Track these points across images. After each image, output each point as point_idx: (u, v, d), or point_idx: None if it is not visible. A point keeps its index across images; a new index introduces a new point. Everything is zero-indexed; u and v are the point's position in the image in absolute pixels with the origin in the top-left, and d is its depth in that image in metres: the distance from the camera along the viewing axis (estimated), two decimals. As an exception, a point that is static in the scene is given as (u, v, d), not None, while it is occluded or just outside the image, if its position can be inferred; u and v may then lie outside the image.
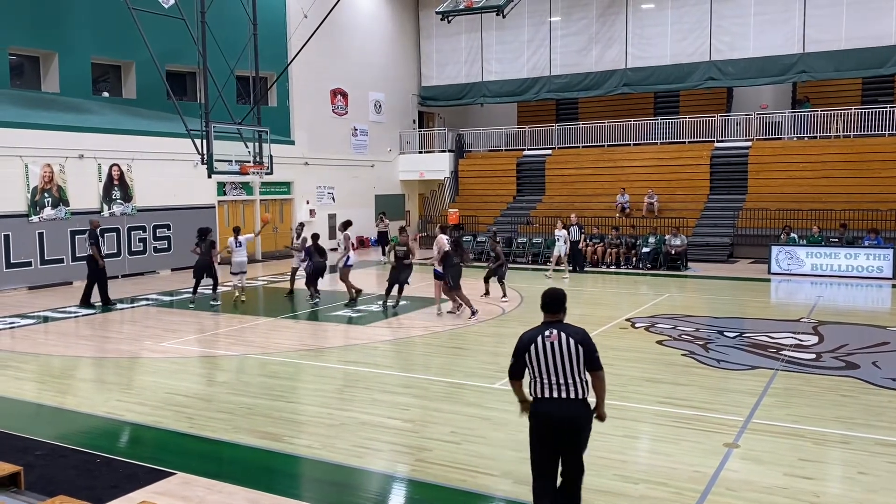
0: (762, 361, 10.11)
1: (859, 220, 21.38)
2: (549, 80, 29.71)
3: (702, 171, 26.25)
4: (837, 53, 24.68)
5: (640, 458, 6.78)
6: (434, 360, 10.84)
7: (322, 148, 27.67)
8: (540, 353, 4.93)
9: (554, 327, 5.01)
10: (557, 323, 5.08)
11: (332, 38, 26.89)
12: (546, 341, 4.93)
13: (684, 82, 27.55)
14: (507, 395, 8.58)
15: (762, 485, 5.97)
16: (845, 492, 5.90)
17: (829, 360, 10.15)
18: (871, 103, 25.97)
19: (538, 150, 30.28)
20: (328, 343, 11.80)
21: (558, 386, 4.90)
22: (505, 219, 27.80)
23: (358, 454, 6.84)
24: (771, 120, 27.11)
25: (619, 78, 28.38)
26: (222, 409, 8.28)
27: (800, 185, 24.12)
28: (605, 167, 27.98)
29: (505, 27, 29.65)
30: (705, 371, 9.69)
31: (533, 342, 4.97)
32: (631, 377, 9.37)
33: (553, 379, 4.91)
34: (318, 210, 27.52)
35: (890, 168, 23.12)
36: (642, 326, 12.67)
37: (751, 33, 26.05)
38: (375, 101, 30.63)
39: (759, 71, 26.01)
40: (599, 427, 7.38)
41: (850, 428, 7.34)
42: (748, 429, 7.33)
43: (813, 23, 25.00)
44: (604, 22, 28.57)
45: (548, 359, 4.91)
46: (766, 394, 8.54)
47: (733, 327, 12.54)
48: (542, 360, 4.92)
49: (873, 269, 18.80)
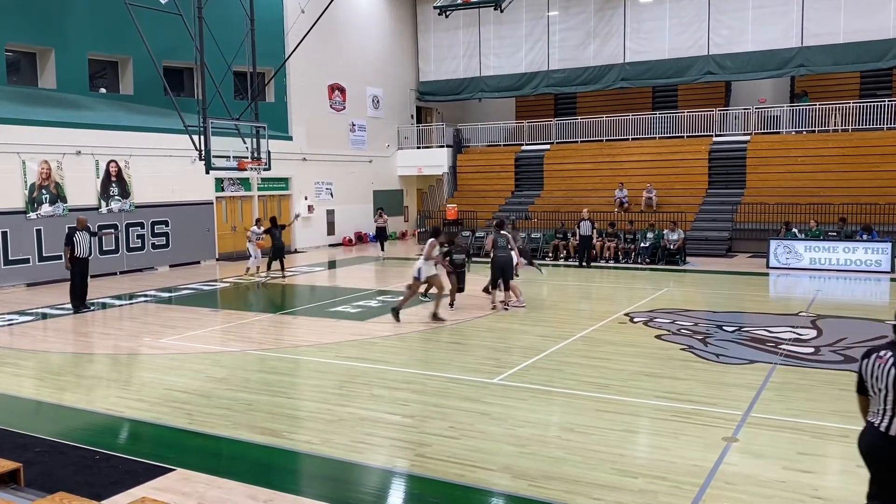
0: (761, 356, 10.12)
1: (858, 214, 21.39)
2: (548, 74, 29.68)
3: (700, 166, 26.25)
4: (836, 47, 24.66)
5: (639, 452, 6.79)
6: (433, 355, 10.84)
7: (320, 143, 27.65)
8: (868, 372, 4.40)
9: (891, 350, 4.30)
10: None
11: (329, 34, 26.85)
12: (877, 360, 4.34)
13: (682, 76, 27.53)
14: (506, 391, 8.62)
15: (761, 479, 5.97)
16: (844, 485, 5.90)
17: (828, 354, 10.16)
18: (870, 97, 25.99)
19: (536, 145, 30.26)
20: (327, 339, 11.80)
21: (881, 413, 4.37)
22: (503, 214, 27.75)
23: (357, 449, 6.85)
24: (769, 114, 27.10)
25: (618, 72, 28.34)
26: (221, 405, 8.28)
27: (798, 179, 24.13)
28: (603, 162, 27.97)
29: (503, 22, 29.60)
30: (704, 365, 9.70)
31: (867, 357, 4.43)
32: (630, 371, 9.38)
33: (878, 406, 4.38)
34: (317, 206, 27.51)
35: (888, 162, 23.13)
36: (641, 321, 12.68)
37: (749, 27, 26.02)
38: (373, 97, 30.59)
39: (758, 65, 26.01)
40: (598, 421, 7.45)
41: (848, 421, 7.33)
42: (747, 423, 7.34)
43: (811, 16, 24.97)
44: (602, 16, 28.53)
45: (875, 379, 4.34)
46: (764, 388, 8.55)
47: (732, 321, 12.55)
48: (871, 380, 4.39)
49: (871, 262, 18.81)
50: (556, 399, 8.35)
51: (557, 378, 9.18)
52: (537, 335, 11.72)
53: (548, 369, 9.62)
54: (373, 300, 15.48)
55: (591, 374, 9.35)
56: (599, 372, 9.41)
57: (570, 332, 11.74)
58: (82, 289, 14.92)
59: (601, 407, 7.95)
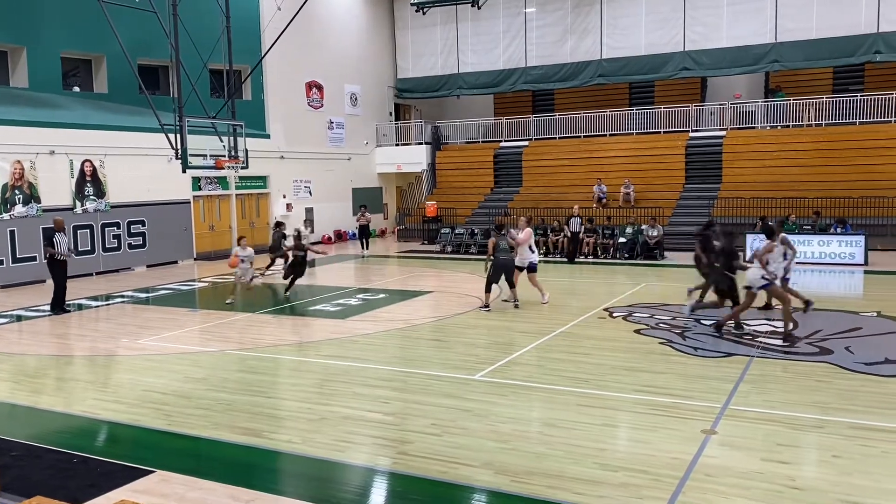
0: (738, 348, 10.23)
1: (832, 207, 21.68)
2: (525, 71, 29.75)
3: (677, 161, 26.46)
4: (809, 43, 24.97)
5: (620, 445, 6.84)
6: (414, 352, 10.84)
7: (298, 141, 27.50)
8: None
9: None
10: None
11: (306, 31, 26.69)
12: None
13: (659, 73, 27.74)
14: (488, 387, 8.63)
15: (739, 470, 6.04)
16: (820, 475, 5.99)
17: (804, 346, 10.30)
18: (842, 92, 26.33)
19: (515, 141, 30.33)
20: (307, 338, 11.75)
21: None
22: (483, 210, 27.83)
23: (339, 448, 6.83)
24: (744, 109, 27.38)
25: (595, 69, 28.48)
26: (200, 405, 8.21)
27: (773, 173, 24.41)
28: (581, 158, 28.10)
29: (480, 18, 29.62)
30: (682, 359, 9.79)
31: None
32: (609, 366, 9.44)
33: None
34: (295, 204, 27.34)
35: (861, 156, 23.47)
36: (620, 316, 12.76)
37: (724, 23, 26.27)
38: (351, 94, 30.47)
39: (733, 61, 26.27)
40: (578, 416, 7.49)
41: (824, 412, 7.45)
42: (725, 415, 7.42)
43: (785, 12, 25.26)
44: (579, 13, 28.64)
45: None
46: (742, 380, 8.65)
47: (709, 315, 12.65)
48: None
49: (845, 255, 19.07)
50: (538, 394, 8.38)
51: (538, 373, 9.22)
52: (518, 331, 11.76)
53: (529, 365, 9.65)
54: (353, 298, 15.43)
55: (571, 369, 9.40)
56: (580, 367, 9.47)
57: (551, 328, 11.79)
58: (61, 293, 14.67)
59: (582, 402, 8.00)
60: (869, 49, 24.26)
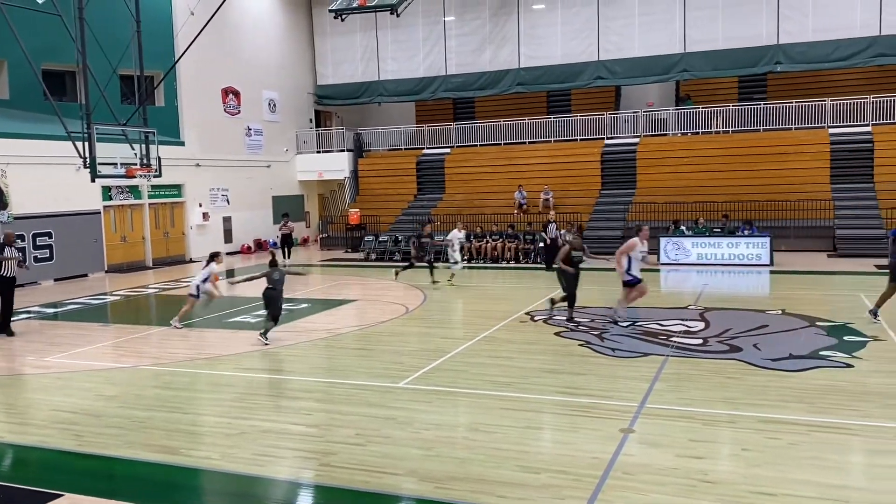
0: (654, 348, 10.56)
1: (739, 210, 22.68)
2: (446, 79, 29.98)
3: (593, 168, 27.16)
4: (715, 53, 26.11)
5: (541, 447, 6.95)
6: (337, 362, 10.72)
7: (214, 149, 26.82)
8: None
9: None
10: None
11: (221, 36, 26.12)
12: None
13: (575, 81, 28.44)
14: (412, 394, 8.63)
15: (656, 467, 6.23)
16: (731, 468, 6.25)
17: (715, 345, 10.72)
18: (747, 100, 27.64)
19: (437, 148, 30.49)
20: (227, 350, 11.45)
21: None
22: (407, 217, 27.83)
23: (260, 462, 6.68)
24: (657, 117, 28.36)
25: (513, 77, 28.97)
26: (113, 423, 7.89)
27: (685, 178, 25.36)
28: (502, 165, 28.49)
29: (400, 26, 29.67)
30: (601, 360, 10.04)
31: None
32: (531, 369, 9.59)
33: None
34: (212, 213, 26.68)
35: (765, 161, 24.66)
36: (541, 319, 12.98)
37: (636, 34, 27.17)
38: (269, 100, 29.98)
39: (645, 70, 27.19)
40: (501, 419, 7.57)
41: (735, 408, 7.77)
42: (642, 414, 7.65)
43: (693, 24, 26.34)
44: (496, 22, 29.08)
45: None
46: (658, 379, 8.93)
47: (627, 317, 13.01)
48: None
49: (753, 256, 19.99)
50: (461, 400, 8.43)
51: (462, 379, 9.27)
52: (441, 337, 11.80)
53: (452, 370, 9.70)
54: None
55: (494, 373, 9.50)
56: (502, 371, 9.58)
57: (474, 333, 11.88)
58: (7, 312, 13.38)
59: (504, 405, 8.09)
60: (770, 60, 25.56)
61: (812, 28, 24.96)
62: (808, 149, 24.60)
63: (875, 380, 8.68)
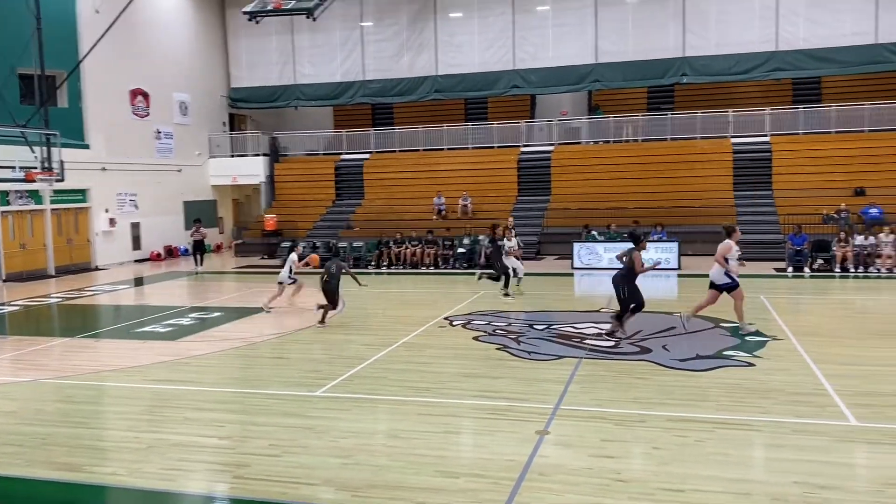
0: (568, 351, 10.80)
1: (649, 216, 23.46)
2: (364, 84, 29.86)
3: (510, 174, 27.60)
4: (625, 64, 27.02)
5: (460, 452, 6.99)
6: (252, 371, 10.48)
7: (122, 152, 25.78)
8: None
9: None
10: None
11: (129, 36, 25.18)
12: None
13: (491, 89, 28.86)
14: (329, 403, 8.52)
15: (570, 467, 6.37)
16: (642, 467, 6.44)
17: (626, 346, 11.05)
18: (655, 110, 28.70)
19: (356, 154, 30.30)
20: (134, 362, 11.00)
21: None
22: (325, 223, 27.54)
23: (169, 477, 6.44)
24: (571, 126, 29.07)
25: (431, 84, 29.13)
26: (10, 441, 7.45)
27: (597, 185, 26.09)
28: (421, 171, 28.58)
29: (317, 30, 29.36)
30: (518, 363, 10.19)
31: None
32: (449, 373, 9.63)
33: None
34: (119, 219, 25.65)
35: (672, 169, 25.65)
36: (460, 324, 13.07)
37: (550, 44, 27.82)
38: (181, 103, 29.07)
39: (559, 79, 27.87)
40: (420, 425, 7.57)
41: (645, 407, 8.03)
42: (557, 415, 7.80)
43: (604, 35, 27.18)
44: (414, 28, 29.18)
45: None
46: (572, 381, 9.13)
47: (542, 320, 13.29)
48: None
49: (661, 261, 20.70)
50: (380, 407, 8.38)
51: (380, 386, 9.23)
52: (361, 344, 11.71)
53: (371, 377, 9.63)
54: (185, 318, 14.66)
55: (413, 378, 9.49)
56: (421, 376, 9.58)
57: (394, 339, 11.84)
58: None
59: (423, 411, 8.09)
60: (677, 72, 26.65)
61: (715, 42, 26.18)
62: (712, 157, 25.75)
63: (774, 377, 9.14)
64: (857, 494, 5.71)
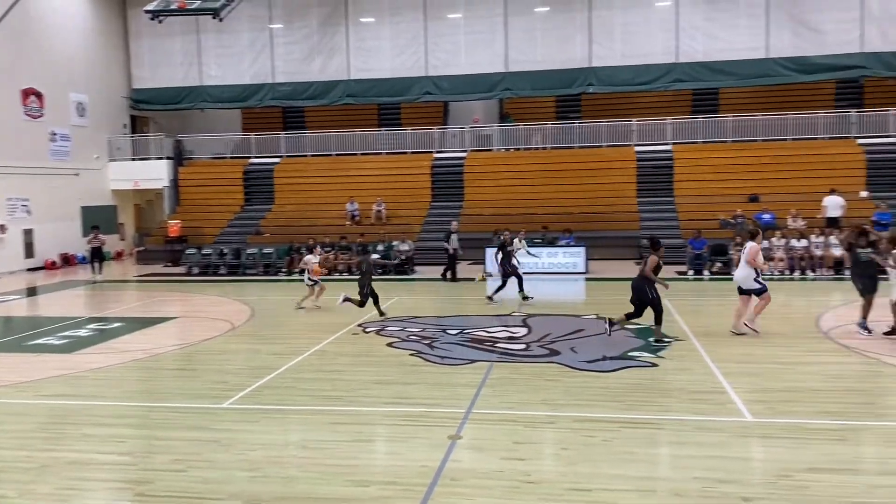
0: (480, 355, 10.89)
1: (558, 222, 24.00)
2: (273, 87, 29.33)
3: (424, 180, 27.67)
4: (534, 74, 27.61)
5: (372, 460, 6.92)
6: (155, 384, 10.06)
7: (12, 155, 24.28)
8: None
9: None
10: None
11: (20, 33, 23.86)
12: None
13: (404, 95, 28.91)
14: (237, 414, 8.29)
15: (481, 471, 6.41)
16: (552, 468, 6.56)
17: (536, 349, 11.25)
18: (564, 119, 29.42)
19: (266, 158, 29.67)
20: (25, 376, 10.36)
21: None
22: (233, 229, 26.82)
23: (64, 497, 6.10)
24: (482, 133, 29.44)
25: (343, 88, 28.91)
26: None
27: (508, 191, 26.50)
28: (334, 176, 28.27)
29: (224, 30, 28.63)
30: (431, 368, 10.19)
31: None
32: (362, 381, 9.54)
33: None
34: (11, 225, 24.18)
35: (580, 176, 26.34)
36: (373, 331, 12.97)
37: (462, 51, 28.13)
38: (78, 103, 27.71)
39: (471, 87, 28.20)
40: (331, 435, 7.46)
41: (554, 409, 8.18)
42: (469, 419, 7.84)
43: (514, 45, 27.70)
44: (325, 32, 28.89)
45: None
46: (484, 385, 9.21)
47: (455, 325, 13.35)
48: None
49: (570, 265, 21.26)
50: (290, 417, 8.20)
51: (290, 396, 9.04)
52: (270, 353, 11.44)
53: (281, 388, 9.42)
54: (82, 329, 13.93)
55: (324, 387, 9.34)
56: (333, 385, 9.44)
57: (305, 348, 11.63)
58: None
59: (335, 420, 7.97)
60: (583, 82, 27.45)
61: (620, 53, 27.11)
62: (617, 165, 26.60)
63: (677, 377, 9.50)
64: (752, 487, 6.00)
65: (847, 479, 6.11)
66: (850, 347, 10.82)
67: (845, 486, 5.94)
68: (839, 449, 6.81)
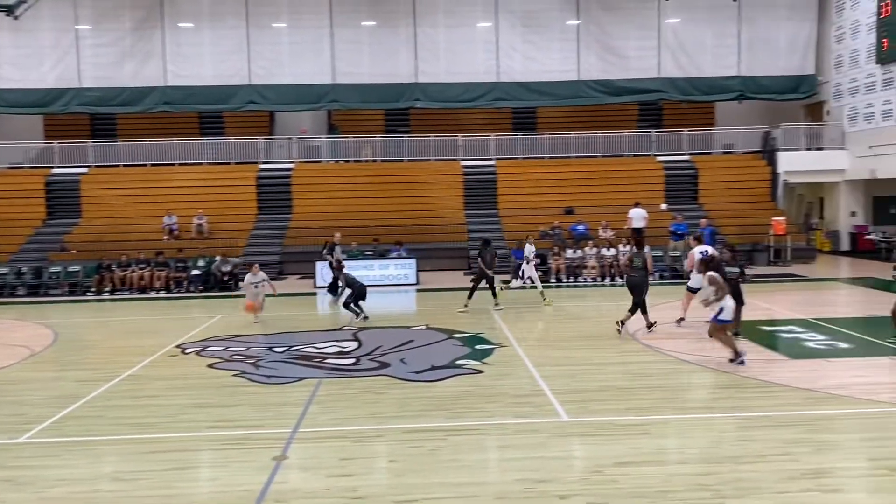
0: (309, 372, 10.66)
1: (389, 234, 24.16)
2: (80, 92, 27.20)
3: (249, 192, 26.79)
4: (362, 86, 27.71)
5: (190, 487, 6.54)
6: (-66, 421, 8.90)
7: None
8: None
9: None
10: None
11: None
12: None
13: (227, 104, 27.96)
14: (36, 449, 7.55)
15: (307, 491, 6.26)
16: (379, 482, 6.54)
17: (366, 363, 11.21)
18: (393, 132, 29.74)
19: (71, 168, 27.34)
20: None
21: None
22: (33, 246, 24.41)
23: None
24: (311, 144, 29.04)
25: (159, 95, 27.42)
26: None
27: (338, 204, 26.30)
28: (149, 187, 26.59)
29: (21, 30, 26.16)
30: (255, 389, 9.83)
31: None
32: (180, 406, 9.01)
33: None
34: None
35: (409, 189, 26.72)
36: (193, 351, 12.31)
37: (286, 61, 27.66)
38: None
39: (297, 97, 27.78)
40: (145, 464, 6.98)
41: (382, 422, 8.18)
42: (296, 439, 7.64)
43: (341, 56, 27.65)
44: (139, 36, 27.26)
45: None
46: (311, 402, 9.02)
47: (283, 342, 12.98)
48: None
49: (401, 277, 21.45)
50: (99, 448, 7.58)
51: (98, 425, 8.34)
52: (75, 381, 10.50)
53: (87, 417, 8.68)
54: None
55: (137, 414, 8.72)
56: (147, 411, 8.84)
57: (115, 373, 10.79)
58: None
59: (148, 448, 7.46)
60: (410, 96, 27.93)
61: (445, 70, 27.89)
62: (445, 178, 27.28)
63: (500, 382, 9.85)
64: (569, 484, 6.33)
65: (650, 470, 6.61)
66: (652, 347, 11.77)
67: (648, 478, 6.43)
68: (644, 442, 7.37)
